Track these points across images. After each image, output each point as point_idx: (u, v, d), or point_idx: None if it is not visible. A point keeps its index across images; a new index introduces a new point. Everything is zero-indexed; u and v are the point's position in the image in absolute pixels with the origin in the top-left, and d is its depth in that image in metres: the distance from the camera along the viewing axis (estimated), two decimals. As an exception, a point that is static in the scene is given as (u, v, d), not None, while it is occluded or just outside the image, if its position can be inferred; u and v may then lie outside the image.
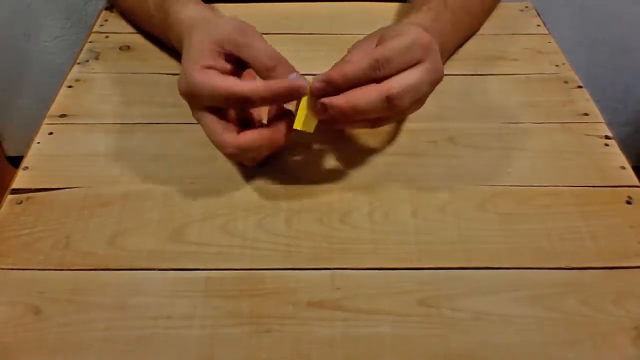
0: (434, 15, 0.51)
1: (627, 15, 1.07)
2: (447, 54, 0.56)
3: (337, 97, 0.40)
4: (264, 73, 0.41)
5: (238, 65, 0.43)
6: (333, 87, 0.40)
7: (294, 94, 0.40)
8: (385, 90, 0.39)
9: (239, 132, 0.42)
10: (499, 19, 0.64)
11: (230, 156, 0.44)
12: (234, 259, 0.40)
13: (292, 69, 0.41)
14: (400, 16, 0.52)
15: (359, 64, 0.40)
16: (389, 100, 0.39)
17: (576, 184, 0.46)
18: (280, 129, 0.42)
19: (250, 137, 0.42)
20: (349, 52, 0.45)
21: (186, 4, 0.49)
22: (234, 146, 0.41)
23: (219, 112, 0.42)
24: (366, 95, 0.40)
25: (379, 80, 0.40)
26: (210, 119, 0.42)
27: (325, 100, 0.40)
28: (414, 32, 0.41)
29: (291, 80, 0.40)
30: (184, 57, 0.43)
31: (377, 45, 0.42)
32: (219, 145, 0.42)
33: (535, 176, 0.46)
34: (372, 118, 0.42)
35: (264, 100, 0.40)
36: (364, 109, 0.40)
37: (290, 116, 0.42)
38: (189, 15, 0.47)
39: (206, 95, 0.40)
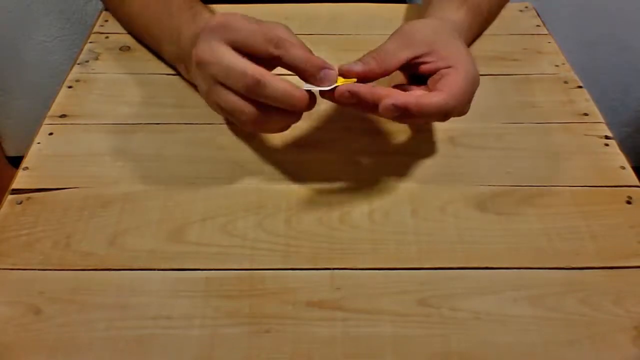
0: (471, 17, 0.52)
1: (627, 15, 1.07)
2: None
3: (409, 98, 0.39)
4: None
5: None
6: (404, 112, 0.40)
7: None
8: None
9: None
10: (499, 19, 0.64)
11: (248, 86, 0.38)
12: (234, 259, 0.40)
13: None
14: (436, 6, 0.52)
15: (433, 104, 0.40)
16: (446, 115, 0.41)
17: (576, 184, 0.46)
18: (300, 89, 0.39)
19: (275, 77, 0.38)
20: (386, 44, 0.43)
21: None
22: (256, 72, 0.37)
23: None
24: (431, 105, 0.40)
25: None
26: (233, 51, 0.38)
27: (397, 102, 0.39)
28: (472, 77, 0.42)
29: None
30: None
31: (420, 64, 0.42)
32: (238, 69, 0.38)
33: (535, 176, 0.46)
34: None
35: (300, 56, 0.39)
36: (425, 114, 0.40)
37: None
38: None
39: (239, 29, 0.38)
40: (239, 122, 0.41)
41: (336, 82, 0.40)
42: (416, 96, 0.39)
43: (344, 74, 0.41)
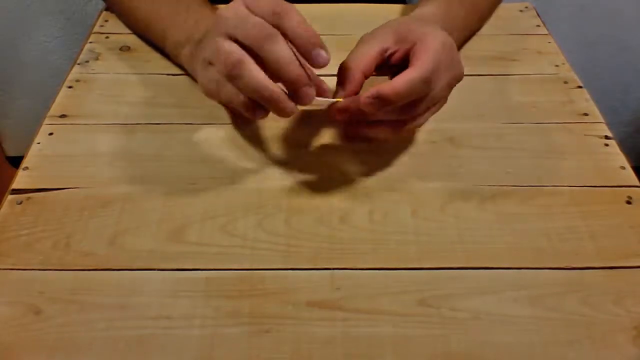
0: (447, 6, 0.52)
1: (627, 15, 1.07)
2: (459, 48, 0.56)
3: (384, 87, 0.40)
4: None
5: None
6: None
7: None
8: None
9: None
10: (499, 19, 0.64)
11: (227, 68, 0.38)
12: (234, 259, 0.40)
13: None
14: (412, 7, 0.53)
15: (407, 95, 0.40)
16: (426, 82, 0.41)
17: (576, 184, 0.46)
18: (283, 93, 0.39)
19: (258, 69, 0.38)
20: (353, 52, 0.44)
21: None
22: (242, 55, 0.38)
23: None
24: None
25: None
26: (228, 40, 0.38)
27: (375, 92, 0.39)
28: (439, 43, 0.41)
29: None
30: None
31: (392, 55, 0.43)
32: (225, 51, 0.38)
33: (535, 176, 0.46)
34: (390, 124, 0.43)
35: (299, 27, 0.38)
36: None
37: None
38: None
39: (245, 23, 0.38)
40: (238, 110, 0.41)
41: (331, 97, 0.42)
42: (389, 82, 0.40)
43: (339, 109, 0.43)
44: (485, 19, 0.63)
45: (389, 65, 0.44)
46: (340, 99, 0.43)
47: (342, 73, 0.43)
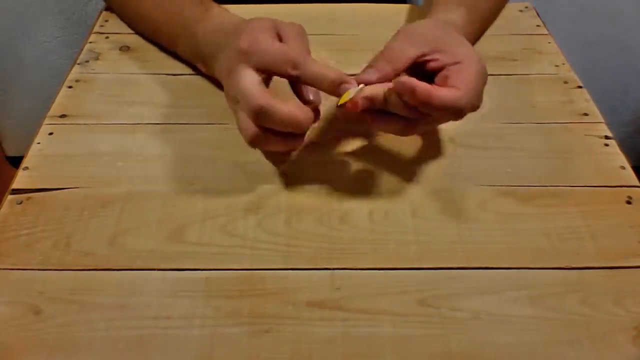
0: (471, 15, 0.52)
1: (627, 15, 1.07)
2: None
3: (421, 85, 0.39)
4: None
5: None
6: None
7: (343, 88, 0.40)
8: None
9: None
10: (499, 19, 0.64)
11: (252, 114, 0.40)
12: (234, 259, 0.40)
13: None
14: (435, 7, 0.52)
15: (448, 99, 0.39)
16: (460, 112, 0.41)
17: (576, 184, 0.46)
18: (307, 110, 0.41)
19: (281, 103, 0.39)
20: (392, 45, 0.43)
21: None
22: (262, 99, 0.39)
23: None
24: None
25: None
26: (250, 74, 0.40)
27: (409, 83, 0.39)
28: (479, 68, 0.41)
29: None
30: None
31: (428, 61, 0.43)
32: (247, 95, 0.39)
33: (535, 176, 0.46)
34: (403, 121, 0.42)
35: (318, 75, 0.40)
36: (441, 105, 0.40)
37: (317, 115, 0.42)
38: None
39: (264, 53, 0.40)
40: (244, 138, 0.42)
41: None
42: (432, 86, 0.39)
43: (363, 83, 0.41)
44: (492, 22, 0.63)
45: (422, 71, 0.44)
46: (363, 86, 0.41)
47: (376, 64, 0.43)
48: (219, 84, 0.51)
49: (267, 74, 0.41)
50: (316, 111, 0.42)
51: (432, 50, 0.43)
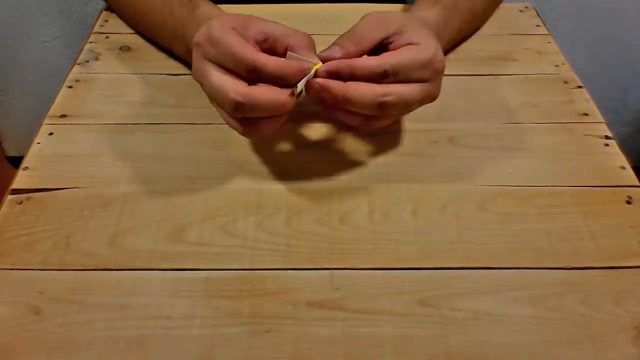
0: (447, 14, 0.52)
1: (627, 15, 1.07)
2: (448, 52, 0.56)
3: (336, 83, 0.40)
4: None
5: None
6: (338, 77, 0.40)
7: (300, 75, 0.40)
8: (380, 96, 0.40)
9: None
10: (499, 19, 0.64)
11: (232, 108, 0.39)
12: (234, 259, 0.40)
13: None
14: (412, 7, 0.53)
15: (369, 65, 0.40)
16: (381, 106, 0.40)
17: (576, 184, 0.46)
18: (286, 91, 0.39)
19: (258, 88, 0.39)
20: (358, 26, 0.44)
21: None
22: (240, 92, 0.38)
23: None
24: (362, 94, 0.40)
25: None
26: (217, 70, 0.40)
27: (322, 81, 0.40)
28: (432, 50, 0.41)
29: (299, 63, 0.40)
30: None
31: (390, 44, 0.42)
32: (221, 92, 0.39)
33: (535, 176, 0.46)
34: (362, 116, 0.42)
35: (273, 71, 0.39)
36: (355, 103, 0.40)
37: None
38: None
39: (222, 49, 0.39)
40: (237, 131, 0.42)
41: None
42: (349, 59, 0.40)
43: (325, 60, 0.41)
44: (481, 25, 0.63)
45: (379, 51, 0.44)
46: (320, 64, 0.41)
47: (341, 42, 0.43)
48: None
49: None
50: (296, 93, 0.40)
51: (394, 32, 0.43)
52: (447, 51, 0.57)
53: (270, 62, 0.39)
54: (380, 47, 0.43)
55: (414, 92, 0.41)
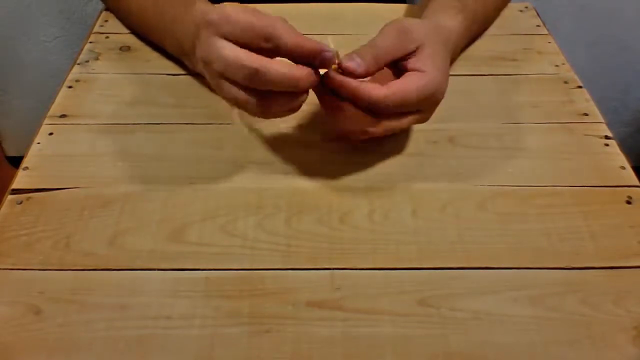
0: (468, 23, 0.53)
1: (627, 15, 1.07)
2: (456, 58, 0.57)
3: (347, 82, 0.40)
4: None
5: None
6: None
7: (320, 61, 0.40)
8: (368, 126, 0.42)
9: None
10: (499, 19, 0.64)
11: (247, 76, 0.38)
12: (234, 259, 0.40)
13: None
14: (433, 11, 0.52)
15: (372, 96, 0.40)
16: (365, 133, 0.43)
17: (576, 184, 0.46)
18: (303, 68, 0.39)
19: (274, 60, 0.38)
20: (380, 39, 0.43)
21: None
22: (255, 60, 0.37)
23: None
24: (352, 122, 0.42)
25: None
26: (231, 45, 0.39)
27: (337, 77, 0.40)
28: (436, 83, 0.42)
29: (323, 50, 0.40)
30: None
31: (404, 60, 0.43)
32: (236, 62, 0.38)
33: (535, 176, 0.46)
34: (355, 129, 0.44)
35: (293, 47, 0.39)
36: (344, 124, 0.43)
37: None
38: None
39: (241, 25, 0.39)
40: (246, 111, 0.41)
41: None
42: (360, 82, 0.40)
43: (345, 71, 0.41)
44: (489, 26, 0.63)
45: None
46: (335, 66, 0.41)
47: (364, 56, 0.42)
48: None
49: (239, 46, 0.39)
50: (315, 71, 0.40)
51: (410, 52, 0.43)
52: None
53: (289, 33, 0.39)
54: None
55: (406, 122, 0.44)
